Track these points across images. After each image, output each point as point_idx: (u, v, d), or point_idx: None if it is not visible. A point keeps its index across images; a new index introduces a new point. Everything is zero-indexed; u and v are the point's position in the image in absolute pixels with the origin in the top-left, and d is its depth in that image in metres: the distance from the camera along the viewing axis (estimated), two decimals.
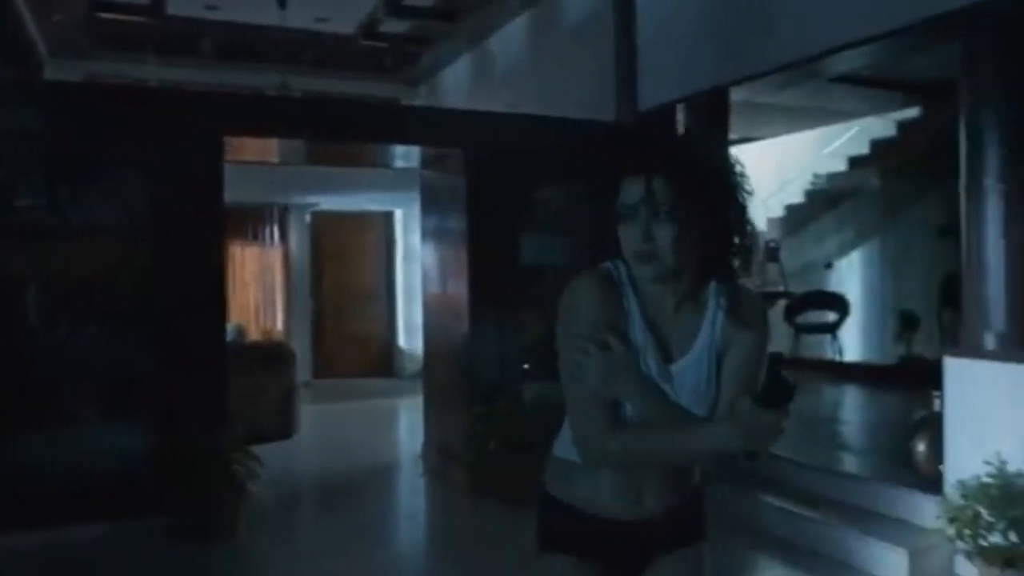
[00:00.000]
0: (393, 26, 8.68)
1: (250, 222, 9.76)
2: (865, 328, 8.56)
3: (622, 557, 1.68)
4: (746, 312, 1.55)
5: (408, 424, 7.59)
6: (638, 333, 1.53)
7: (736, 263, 1.56)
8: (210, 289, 4.77)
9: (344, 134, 5.31)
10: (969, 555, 3.33)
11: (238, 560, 4.29)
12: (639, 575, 1.70)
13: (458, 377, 5.64)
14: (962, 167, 3.81)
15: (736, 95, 5.87)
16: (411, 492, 5.76)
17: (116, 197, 4.54)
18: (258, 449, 4.63)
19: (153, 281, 4.56)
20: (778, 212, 9.50)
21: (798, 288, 8.56)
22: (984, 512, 3.21)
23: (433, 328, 6.22)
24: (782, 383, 1.35)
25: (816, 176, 9.13)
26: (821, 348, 8.45)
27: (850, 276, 8.71)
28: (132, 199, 4.55)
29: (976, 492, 3.26)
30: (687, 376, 1.53)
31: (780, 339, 8.27)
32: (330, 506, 5.26)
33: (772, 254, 8.73)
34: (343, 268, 10.51)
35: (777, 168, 9.57)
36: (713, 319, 1.54)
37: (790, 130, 9.13)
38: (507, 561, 3.90)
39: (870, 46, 4.51)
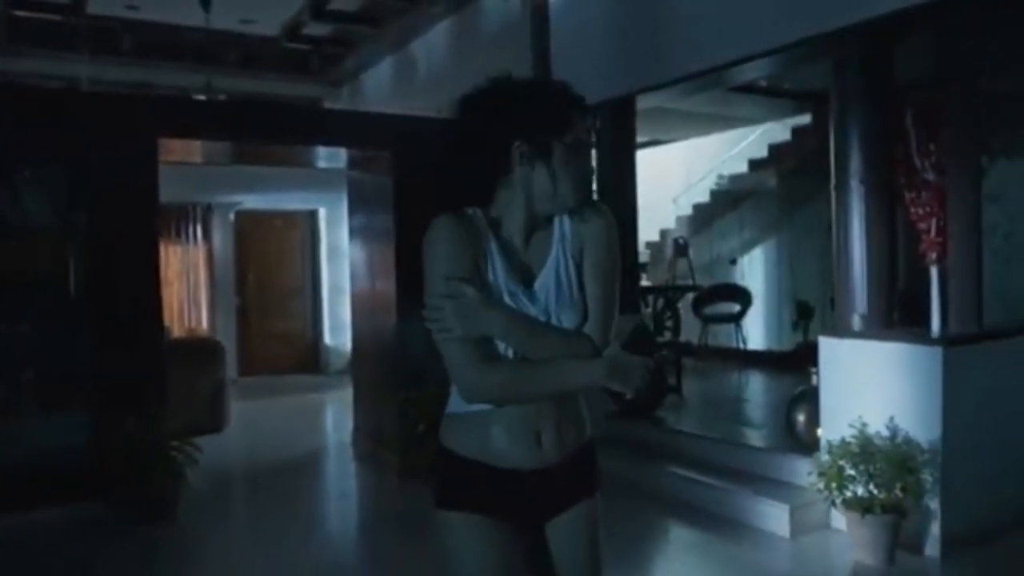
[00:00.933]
0: (316, 29, 8.90)
1: (173, 221, 9.76)
2: (766, 318, 9.22)
3: (523, 510, 1.69)
4: (590, 211, 1.68)
5: (335, 417, 7.85)
6: (499, 272, 1.64)
7: None
8: (147, 286, 4.94)
9: (277, 137, 5.54)
10: (836, 505, 3.85)
11: (180, 540, 4.50)
12: (539, 530, 1.73)
13: (387, 367, 5.94)
14: (832, 170, 4.36)
15: (647, 101, 6.36)
16: (343, 476, 6.04)
17: (54, 198, 4.68)
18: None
19: (91, 279, 4.72)
20: (687, 211, 10.11)
21: (705, 282, 9.15)
22: (847, 467, 3.73)
23: (362, 321, 6.50)
24: (650, 340, 1.69)
25: (720, 177, 9.77)
26: (728, 337, 9.06)
27: (752, 270, 9.37)
28: (70, 200, 4.70)
29: (840, 450, 3.78)
30: (548, 281, 1.65)
31: (689, 329, 8.85)
32: (266, 490, 5.50)
33: (681, 250, 9.30)
34: (268, 266, 10.61)
35: (686, 169, 10.20)
36: (560, 224, 1.68)
37: (698, 134, 9.74)
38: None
39: (760, 60, 5.05)
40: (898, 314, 4.32)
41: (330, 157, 6.48)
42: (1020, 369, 4.09)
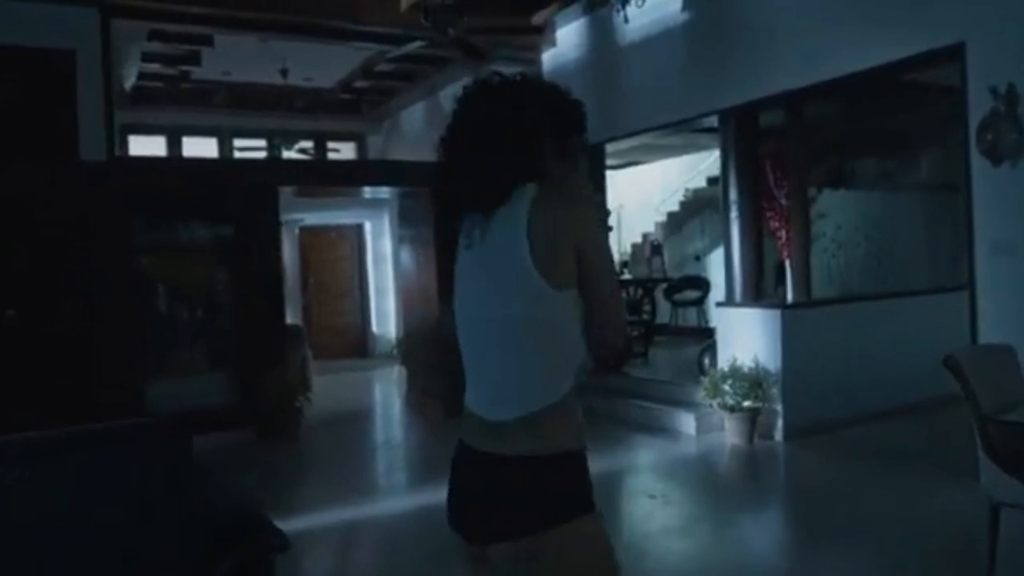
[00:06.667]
0: (363, 83, 11.28)
1: None
2: None
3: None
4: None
5: (385, 386, 10.27)
6: None
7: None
8: (273, 286, 7.37)
9: (355, 182, 7.99)
10: (713, 407, 6.17)
11: (302, 453, 6.90)
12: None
13: (431, 341, 8.31)
14: (721, 200, 6.67)
15: (628, 141, 8.55)
16: (401, 416, 8.49)
17: (212, 227, 7.12)
18: None
19: (238, 281, 7.15)
20: (662, 218, 12.42)
21: (676, 275, 11.44)
22: (721, 384, 6.05)
23: (410, 309, 8.90)
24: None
25: (687, 191, 12.06)
26: (692, 318, 11.34)
27: (713, 264, 11.63)
28: (223, 228, 7.13)
29: (718, 376, 6.10)
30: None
31: (663, 313, 11.15)
32: (350, 423, 7.94)
33: (656, 250, 11.61)
34: (325, 271, 13.03)
35: (662, 184, 12.50)
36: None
37: (669, 156, 12.04)
38: None
39: (688, 121, 7.33)
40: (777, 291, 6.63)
41: (376, 189, 8.95)
42: (833, 323, 6.40)
